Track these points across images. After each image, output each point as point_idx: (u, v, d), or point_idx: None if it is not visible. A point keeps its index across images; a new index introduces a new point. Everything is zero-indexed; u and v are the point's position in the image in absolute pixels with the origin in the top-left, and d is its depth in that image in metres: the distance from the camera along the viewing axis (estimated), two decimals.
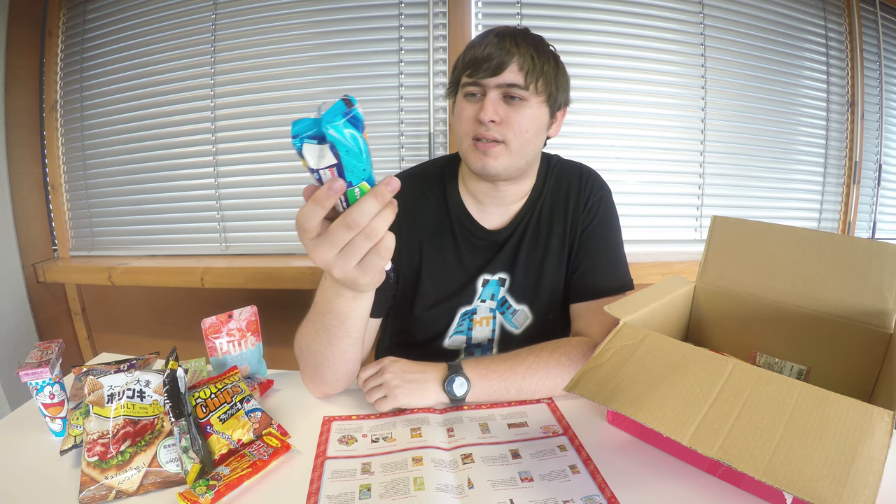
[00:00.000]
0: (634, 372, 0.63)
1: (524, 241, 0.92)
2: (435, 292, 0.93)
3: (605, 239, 0.93)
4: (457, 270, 0.92)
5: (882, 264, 0.68)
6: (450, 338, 0.95)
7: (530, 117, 0.81)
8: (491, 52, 0.78)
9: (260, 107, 1.60)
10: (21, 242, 1.61)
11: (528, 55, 0.78)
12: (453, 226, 0.92)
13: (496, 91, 0.79)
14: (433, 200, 0.93)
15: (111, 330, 1.81)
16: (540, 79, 0.79)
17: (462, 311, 0.94)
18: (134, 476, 0.60)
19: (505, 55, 0.78)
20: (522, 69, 0.78)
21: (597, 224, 0.93)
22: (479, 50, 0.80)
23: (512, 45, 0.78)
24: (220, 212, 1.67)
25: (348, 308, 0.66)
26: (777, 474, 0.48)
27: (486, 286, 0.93)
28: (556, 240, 0.92)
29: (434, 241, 0.92)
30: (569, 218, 0.92)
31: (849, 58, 1.67)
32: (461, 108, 0.84)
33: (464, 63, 0.82)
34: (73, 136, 1.72)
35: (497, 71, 0.78)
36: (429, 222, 0.92)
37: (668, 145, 1.61)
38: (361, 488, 0.60)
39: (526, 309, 0.94)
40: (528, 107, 0.80)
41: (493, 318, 0.94)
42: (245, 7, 1.57)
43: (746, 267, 0.81)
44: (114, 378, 0.67)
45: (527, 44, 0.79)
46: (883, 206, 1.76)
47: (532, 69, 0.78)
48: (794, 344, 0.77)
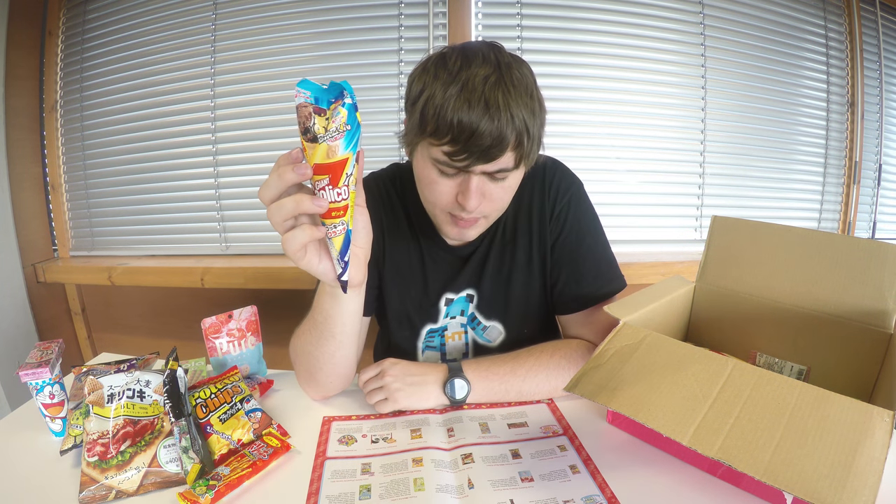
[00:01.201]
0: (634, 372, 0.63)
1: (489, 256, 0.86)
2: (400, 305, 0.90)
3: (581, 246, 0.85)
4: (420, 287, 0.88)
5: (882, 264, 0.68)
6: (422, 355, 0.93)
7: (511, 187, 0.73)
8: (485, 131, 0.62)
9: (260, 107, 1.60)
10: (21, 242, 1.61)
11: (524, 126, 0.64)
12: (419, 237, 0.87)
13: (480, 176, 0.68)
14: (399, 209, 0.87)
15: (111, 330, 1.81)
16: (530, 153, 0.68)
17: (427, 328, 0.91)
18: (134, 476, 0.60)
19: (501, 135, 0.62)
20: (517, 148, 0.65)
21: (568, 232, 0.84)
22: (463, 117, 0.61)
23: (507, 118, 0.62)
24: (220, 212, 1.67)
25: (331, 307, 0.68)
26: (777, 474, 0.48)
27: (452, 305, 0.89)
28: (522, 253, 0.86)
29: (400, 251, 0.87)
30: (534, 230, 0.85)
31: (849, 58, 1.67)
32: (431, 179, 0.70)
33: (437, 125, 0.63)
34: (73, 136, 1.72)
35: (489, 157, 0.64)
36: (395, 231, 0.87)
37: (667, 145, 1.61)
38: (361, 488, 0.60)
39: (497, 325, 0.90)
40: (511, 178, 0.70)
41: (464, 332, 0.92)
42: (245, 7, 1.57)
43: (746, 267, 0.81)
44: (114, 378, 0.67)
45: (522, 102, 0.64)
46: (883, 206, 1.76)
47: (527, 144, 0.66)
48: (794, 344, 0.77)
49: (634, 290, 0.82)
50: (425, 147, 0.68)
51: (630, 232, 1.64)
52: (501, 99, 0.62)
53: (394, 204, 0.87)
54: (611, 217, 1.59)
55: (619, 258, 0.89)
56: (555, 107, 1.57)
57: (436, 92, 0.64)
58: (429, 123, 0.65)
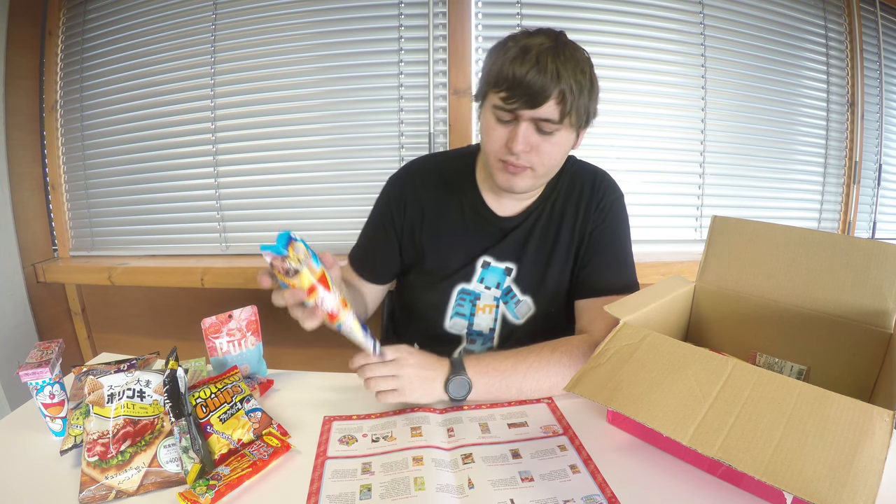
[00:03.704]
0: (634, 372, 0.63)
1: (534, 233, 0.93)
2: (435, 266, 0.96)
3: (615, 239, 0.94)
4: (458, 248, 0.95)
5: (882, 264, 0.68)
6: (450, 319, 0.96)
7: (559, 145, 0.81)
8: (531, 80, 0.74)
9: (260, 107, 1.60)
10: (21, 242, 1.61)
11: (569, 86, 0.75)
12: (464, 209, 0.95)
13: (529, 122, 0.78)
14: (451, 183, 0.96)
15: (111, 330, 1.81)
16: (574, 111, 0.77)
17: (459, 288, 0.95)
18: (134, 476, 0.60)
19: (546, 85, 0.74)
20: (560, 103, 0.75)
21: (608, 224, 0.93)
22: (516, 69, 0.74)
23: (553, 73, 0.73)
24: (220, 212, 1.67)
25: None
26: (777, 474, 0.48)
27: (488, 270, 0.94)
28: (566, 234, 0.93)
29: (443, 219, 0.95)
30: (580, 214, 0.93)
31: (849, 58, 1.67)
32: (490, 126, 0.82)
33: (497, 77, 0.77)
34: (73, 136, 1.71)
35: (535, 104, 0.75)
36: (441, 202, 0.95)
37: (668, 145, 1.61)
38: (362, 488, 0.60)
39: (529, 300, 0.95)
40: (558, 135, 0.80)
41: (495, 306, 0.95)
42: (245, 7, 1.57)
43: (746, 267, 0.81)
44: (114, 378, 0.67)
45: (568, 69, 0.74)
46: (883, 206, 1.76)
47: (571, 102, 0.75)
48: (794, 344, 0.77)
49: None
50: (489, 98, 0.81)
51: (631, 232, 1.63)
52: (550, 60, 0.74)
53: (438, 187, 0.97)
54: None
55: None
56: None
57: (500, 55, 0.78)
58: (492, 76, 0.79)
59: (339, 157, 1.59)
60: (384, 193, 1.00)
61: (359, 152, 1.59)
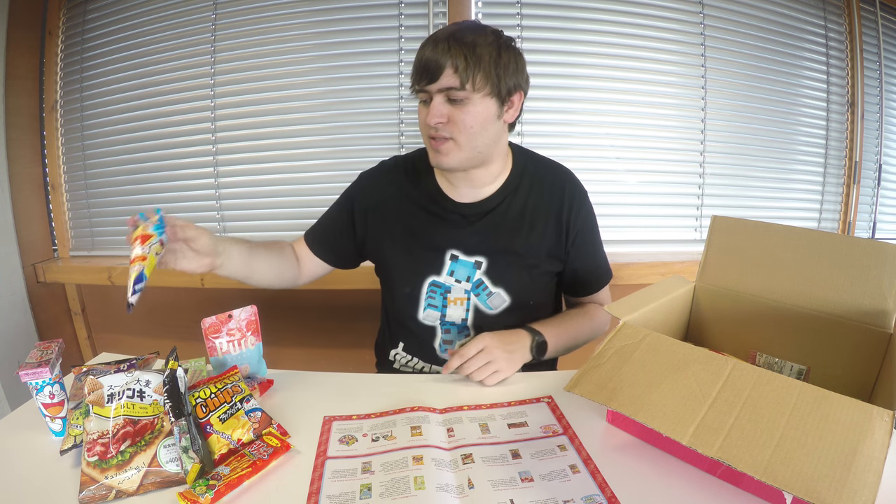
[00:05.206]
0: (634, 372, 0.63)
1: (503, 226, 0.96)
2: (403, 258, 0.99)
3: (594, 242, 1.04)
4: (424, 241, 0.98)
5: (882, 264, 0.68)
6: (423, 311, 0.99)
7: (474, 114, 0.85)
8: (428, 59, 0.83)
9: (260, 107, 1.60)
10: (21, 242, 1.61)
11: (462, 56, 0.81)
12: (424, 200, 0.99)
13: (439, 95, 0.84)
14: (408, 180, 1.01)
15: (111, 330, 1.81)
16: (477, 76, 0.82)
17: (430, 280, 0.97)
18: (134, 476, 0.60)
19: (439, 60, 0.82)
20: (457, 71, 0.81)
21: (588, 229, 1.01)
22: (420, 54, 0.85)
23: (444, 50, 0.82)
24: (220, 212, 1.67)
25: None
26: (777, 474, 0.48)
27: (457, 263, 0.97)
28: (536, 236, 0.97)
29: (405, 211, 0.99)
30: (552, 217, 0.97)
31: (849, 58, 1.67)
32: (419, 111, 0.90)
33: (412, 69, 0.87)
34: (73, 136, 1.72)
35: (433, 77, 0.83)
36: (404, 194, 1.00)
37: (667, 145, 1.61)
38: (362, 488, 0.60)
39: (502, 292, 0.97)
40: (470, 104, 0.84)
41: (467, 299, 0.98)
42: (245, 7, 1.57)
43: (746, 267, 0.81)
44: (114, 378, 0.67)
45: (461, 44, 0.82)
46: (883, 206, 1.76)
47: (466, 68, 0.81)
48: (794, 344, 0.77)
49: (634, 289, 0.82)
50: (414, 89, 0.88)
51: (630, 232, 1.64)
52: (444, 39, 0.82)
53: (402, 180, 1.01)
54: (611, 217, 1.58)
55: (619, 258, 0.93)
56: (555, 107, 1.57)
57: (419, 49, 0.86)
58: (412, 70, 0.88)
59: (339, 156, 1.59)
60: (352, 186, 1.05)
61: (359, 152, 1.59)
